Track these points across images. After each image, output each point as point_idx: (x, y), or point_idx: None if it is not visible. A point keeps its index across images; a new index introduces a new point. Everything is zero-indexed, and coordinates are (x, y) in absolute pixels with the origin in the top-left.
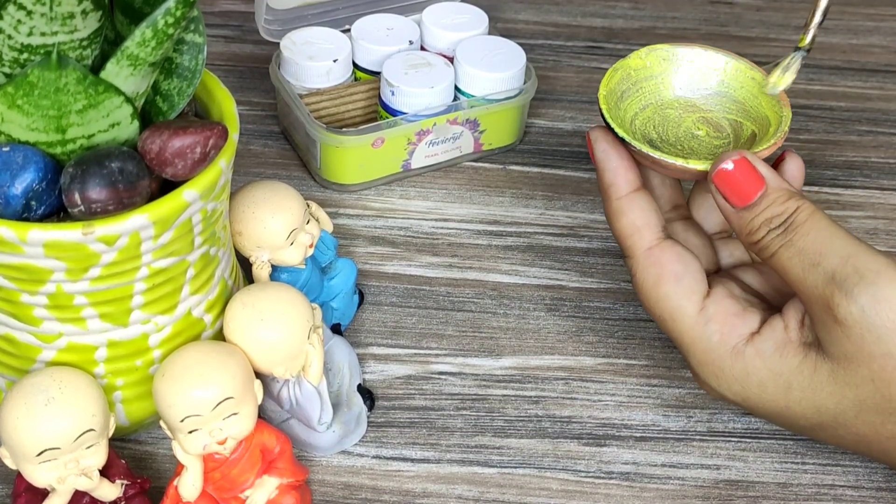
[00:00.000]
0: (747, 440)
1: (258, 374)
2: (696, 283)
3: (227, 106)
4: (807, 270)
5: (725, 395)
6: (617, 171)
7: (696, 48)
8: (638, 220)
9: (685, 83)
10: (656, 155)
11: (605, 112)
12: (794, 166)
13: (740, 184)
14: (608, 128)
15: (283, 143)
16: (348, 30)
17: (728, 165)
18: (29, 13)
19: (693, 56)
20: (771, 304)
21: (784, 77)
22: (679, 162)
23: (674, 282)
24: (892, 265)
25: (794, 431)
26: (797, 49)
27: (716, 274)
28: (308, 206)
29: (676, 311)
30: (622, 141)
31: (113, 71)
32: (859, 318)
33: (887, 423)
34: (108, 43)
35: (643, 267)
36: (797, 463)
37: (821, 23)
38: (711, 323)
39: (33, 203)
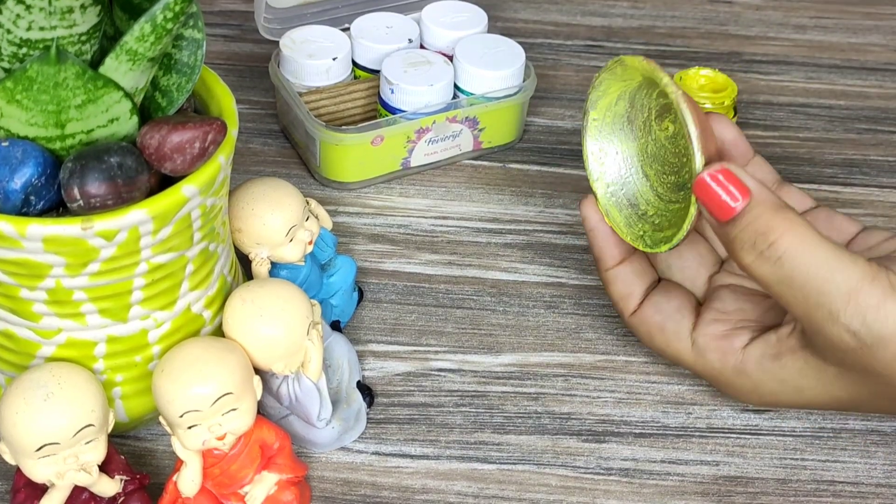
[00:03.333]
0: (746, 436)
1: (257, 371)
2: (678, 324)
3: (226, 102)
4: (796, 299)
5: (751, 403)
6: (603, 248)
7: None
8: (622, 289)
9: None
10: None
11: (591, 184)
12: (761, 172)
13: (721, 197)
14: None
15: (283, 141)
16: (348, 28)
17: (706, 177)
18: (28, 7)
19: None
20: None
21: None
22: (643, 249)
23: (658, 333)
24: (867, 278)
25: None
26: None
27: (714, 289)
28: (307, 203)
29: (675, 354)
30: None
31: (112, 66)
32: (854, 344)
33: None
34: (107, 38)
35: (634, 329)
36: (796, 459)
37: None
38: (707, 353)
39: (32, 198)
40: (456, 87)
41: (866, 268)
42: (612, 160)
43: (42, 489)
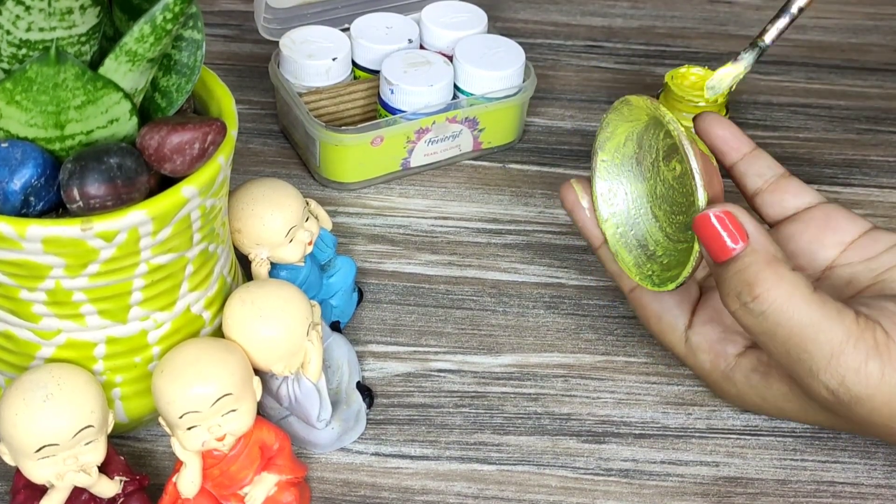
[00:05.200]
0: (746, 437)
1: (257, 371)
2: (675, 318)
3: (225, 102)
4: (778, 351)
5: (734, 406)
6: (584, 229)
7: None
8: (614, 268)
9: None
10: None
11: (600, 224)
12: (760, 165)
13: (719, 238)
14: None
15: (283, 141)
16: (347, 28)
17: (710, 216)
18: (28, 8)
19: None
20: None
21: (727, 74)
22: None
23: (655, 321)
24: (851, 339)
25: None
26: (753, 45)
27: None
28: (307, 203)
29: (668, 345)
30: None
31: (111, 67)
32: (831, 399)
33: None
34: (107, 39)
35: (632, 307)
36: (796, 460)
37: (788, 25)
38: (699, 352)
39: (32, 199)
40: (456, 87)
41: (852, 326)
42: (621, 200)
43: (42, 490)
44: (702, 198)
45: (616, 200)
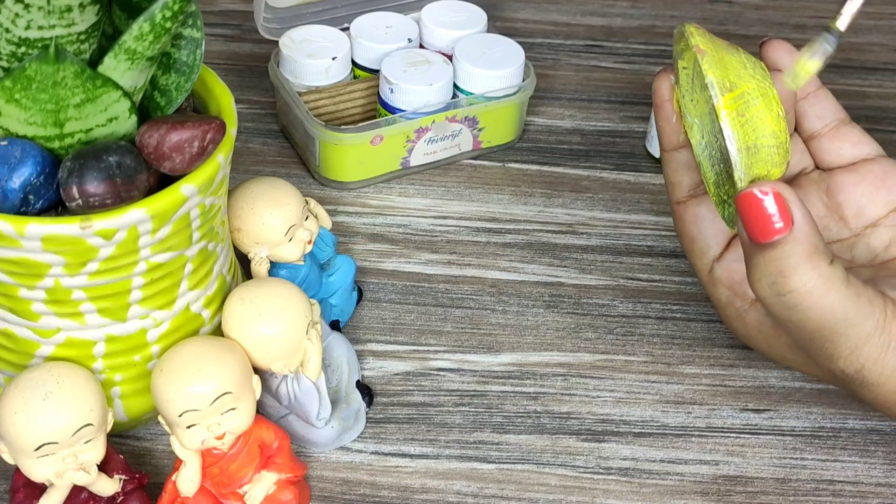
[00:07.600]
0: (746, 436)
1: (256, 370)
2: (707, 247)
3: (225, 101)
4: (802, 337)
5: (743, 342)
6: (664, 128)
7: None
8: (671, 177)
9: None
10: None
11: (687, 130)
12: (822, 106)
13: (765, 218)
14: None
15: (283, 141)
16: (347, 28)
17: (757, 192)
18: (27, 6)
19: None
20: None
21: (808, 66)
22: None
23: (688, 241)
24: (878, 330)
25: None
26: (828, 31)
27: None
28: (307, 202)
29: (693, 266)
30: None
31: (111, 65)
32: (843, 379)
33: None
34: (106, 37)
35: (674, 218)
36: (796, 458)
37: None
38: (719, 285)
39: (31, 197)
40: (455, 86)
41: (881, 319)
42: (703, 110)
43: (41, 488)
44: (741, 174)
45: (699, 110)
